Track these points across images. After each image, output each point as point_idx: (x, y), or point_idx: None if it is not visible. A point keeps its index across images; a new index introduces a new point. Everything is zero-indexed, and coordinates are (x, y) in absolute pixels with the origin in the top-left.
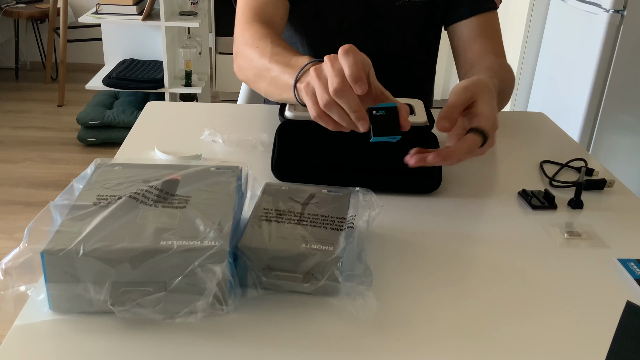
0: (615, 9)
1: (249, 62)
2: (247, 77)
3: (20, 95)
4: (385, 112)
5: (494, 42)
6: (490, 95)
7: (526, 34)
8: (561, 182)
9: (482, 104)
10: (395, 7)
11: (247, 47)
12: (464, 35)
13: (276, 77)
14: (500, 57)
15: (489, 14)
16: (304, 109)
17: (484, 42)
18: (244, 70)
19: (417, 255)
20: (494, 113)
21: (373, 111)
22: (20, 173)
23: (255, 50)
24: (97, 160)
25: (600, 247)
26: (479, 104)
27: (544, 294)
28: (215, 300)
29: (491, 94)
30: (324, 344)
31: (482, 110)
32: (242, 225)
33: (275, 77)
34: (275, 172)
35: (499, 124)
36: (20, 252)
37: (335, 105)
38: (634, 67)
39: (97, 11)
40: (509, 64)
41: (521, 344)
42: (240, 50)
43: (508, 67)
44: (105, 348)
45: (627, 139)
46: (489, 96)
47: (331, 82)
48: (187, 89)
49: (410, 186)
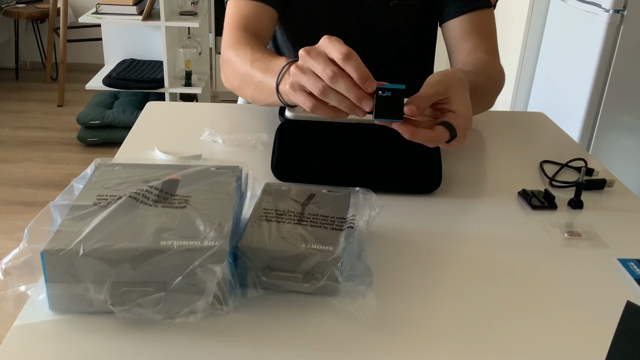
0: (615, 9)
1: (233, 70)
2: (233, 85)
3: (20, 95)
4: (392, 94)
5: (486, 41)
6: (464, 91)
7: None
8: (561, 182)
9: (458, 102)
10: (389, 7)
11: (231, 55)
12: (455, 34)
13: (259, 83)
14: (492, 56)
15: (482, 12)
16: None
17: (476, 40)
18: (230, 78)
19: (417, 255)
20: (470, 112)
21: (379, 91)
22: (20, 173)
23: (237, 58)
24: (97, 160)
25: (600, 247)
26: (455, 101)
27: (544, 294)
28: (215, 300)
29: (465, 89)
30: (324, 344)
31: (458, 109)
32: (242, 225)
33: (258, 83)
34: (275, 172)
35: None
36: (20, 252)
37: (332, 90)
38: (634, 67)
39: (97, 11)
40: (501, 64)
41: (521, 344)
42: (224, 59)
43: (498, 66)
44: (105, 348)
45: (627, 139)
46: (464, 92)
47: (324, 71)
48: (187, 89)
49: (410, 186)
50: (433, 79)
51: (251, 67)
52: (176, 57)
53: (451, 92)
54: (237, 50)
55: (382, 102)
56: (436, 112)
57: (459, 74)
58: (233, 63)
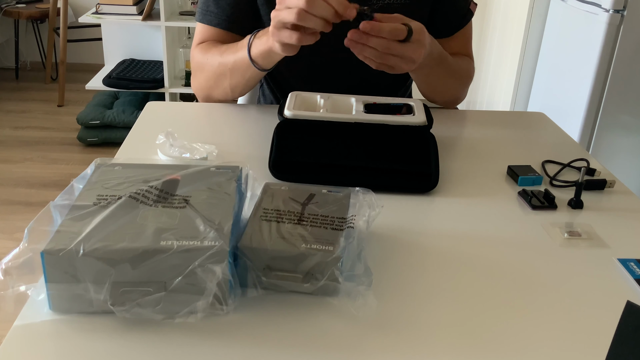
0: (615, 9)
1: (206, 73)
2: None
3: (20, 95)
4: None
5: (465, 45)
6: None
7: (526, 34)
8: (561, 182)
9: (417, 25)
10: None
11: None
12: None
13: (234, 64)
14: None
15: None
16: (304, 109)
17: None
18: (203, 82)
19: (417, 255)
20: (427, 34)
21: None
22: (20, 173)
23: (206, 58)
24: (97, 160)
25: (600, 247)
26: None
27: (544, 294)
28: (215, 300)
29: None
30: (324, 344)
31: (417, 26)
32: (242, 225)
33: (233, 64)
34: (272, 171)
35: (428, 48)
36: (20, 252)
37: (309, 14)
38: (634, 67)
39: (97, 11)
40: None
41: (521, 344)
42: (195, 67)
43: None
44: (105, 348)
45: (627, 139)
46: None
47: (297, 1)
48: (187, 89)
49: (407, 185)
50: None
51: (222, 57)
52: (176, 57)
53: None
54: (205, 54)
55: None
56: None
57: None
58: (204, 65)
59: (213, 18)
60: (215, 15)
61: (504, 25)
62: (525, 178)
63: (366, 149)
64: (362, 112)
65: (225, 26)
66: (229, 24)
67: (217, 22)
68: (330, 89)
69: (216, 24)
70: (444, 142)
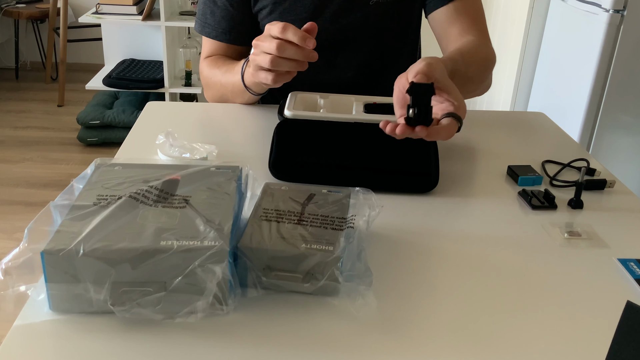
0: (615, 9)
1: (213, 91)
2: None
3: (20, 95)
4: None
5: (472, 23)
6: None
7: (526, 34)
8: (561, 182)
9: (453, 93)
10: (369, 6)
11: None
12: (441, 21)
13: (233, 87)
14: (481, 38)
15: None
16: (304, 109)
17: (462, 24)
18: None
19: (417, 255)
20: (463, 100)
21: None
22: (20, 173)
23: (210, 79)
24: (97, 160)
25: (600, 247)
26: (452, 93)
27: (544, 294)
28: (215, 300)
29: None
30: (324, 344)
31: (457, 98)
32: (242, 225)
33: (232, 87)
34: (272, 171)
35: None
36: (20, 252)
37: (281, 59)
38: (634, 67)
39: (97, 11)
40: (491, 46)
41: (521, 344)
42: (204, 83)
43: (486, 48)
44: (105, 348)
45: (627, 139)
46: (450, 80)
47: (270, 46)
48: (187, 89)
49: (407, 185)
50: (417, 67)
51: (223, 77)
52: (176, 57)
53: (441, 84)
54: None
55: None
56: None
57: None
58: (210, 83)
59: (211, 31)
60: (213, 27)
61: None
62: (525, 178)
63: (366, 149)
64: (362, 112)
65: (223, 39)
66: (227, 36)
67: (215, 35)
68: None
69: (214, 37)
70: (444, 142)
